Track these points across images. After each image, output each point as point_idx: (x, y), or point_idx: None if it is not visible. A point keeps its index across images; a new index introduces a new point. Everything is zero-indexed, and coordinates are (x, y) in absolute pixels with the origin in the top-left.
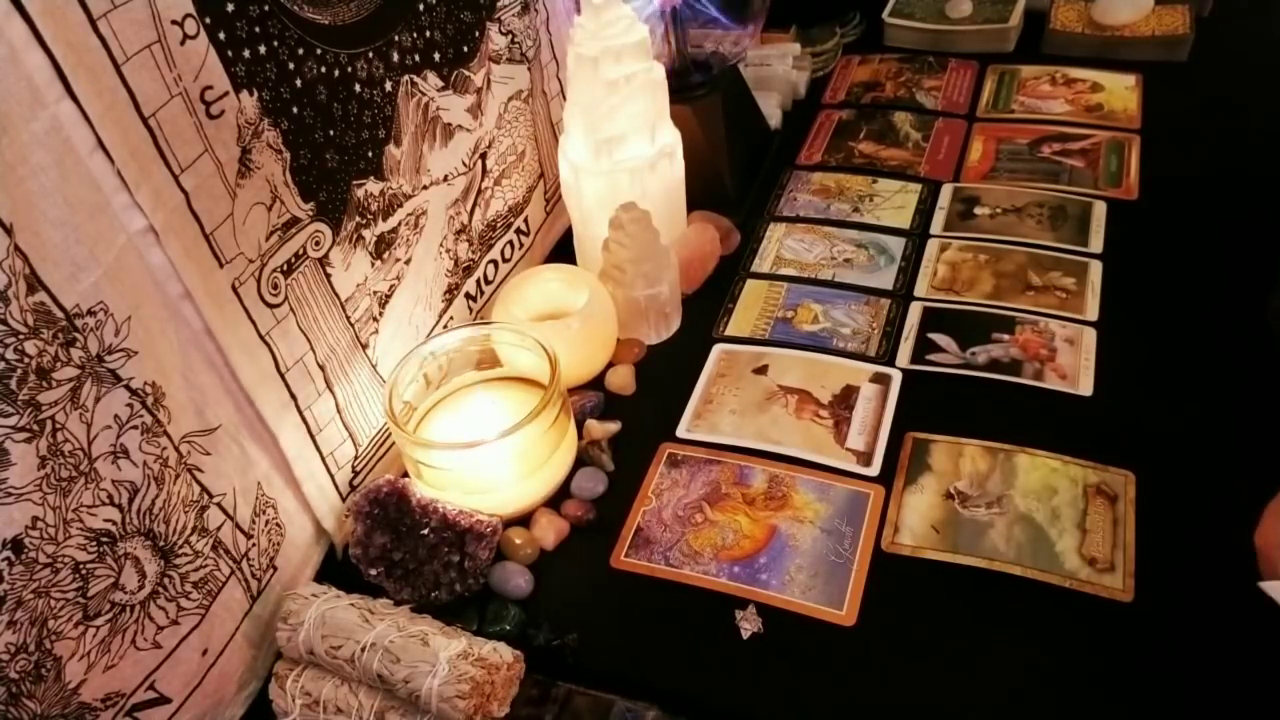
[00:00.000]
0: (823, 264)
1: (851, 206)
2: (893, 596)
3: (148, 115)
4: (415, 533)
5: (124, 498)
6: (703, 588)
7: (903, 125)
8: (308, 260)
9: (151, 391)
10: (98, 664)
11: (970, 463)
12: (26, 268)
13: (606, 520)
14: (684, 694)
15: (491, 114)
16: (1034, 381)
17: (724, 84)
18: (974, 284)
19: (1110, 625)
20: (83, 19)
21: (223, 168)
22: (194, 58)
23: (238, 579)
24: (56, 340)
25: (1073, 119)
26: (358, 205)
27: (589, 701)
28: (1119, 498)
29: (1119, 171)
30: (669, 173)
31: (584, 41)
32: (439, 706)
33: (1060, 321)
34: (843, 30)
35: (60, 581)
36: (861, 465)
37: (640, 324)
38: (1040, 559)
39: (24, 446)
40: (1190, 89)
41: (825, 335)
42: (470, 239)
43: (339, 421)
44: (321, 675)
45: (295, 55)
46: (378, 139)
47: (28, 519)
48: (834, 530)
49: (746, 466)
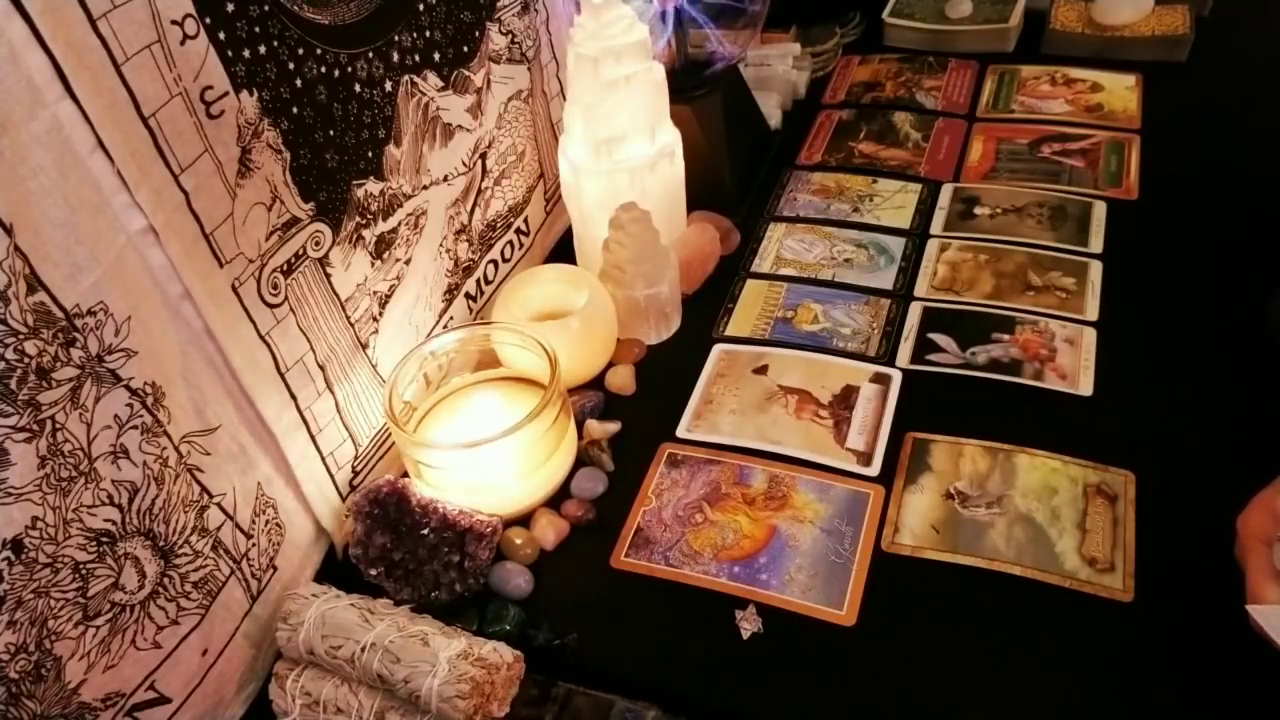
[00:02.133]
0: (823, 264)
1: (851, 206)
2: (893, 596)
3: (148, 115)
4: (415, 533)
5: (124, 498)
6: (703, 588)
7: (903, 125)
8: (308, 260)
9: (151, 391)
10: (98, 664)
11: (970, 463)
12: (26, 268)
13: (606, 520)
14: (684, 694)
15: (491, 114)
16: (1034, 381)
17: (724, 84)
18: (974, 284)
19: (1110, 625)
20: (83, 19)
21: (223, 168)
22: (194, 58)
23: (238, 579)
24: (56, 340)
25: (1073, 119)
26: (358, 205)
27: (589, 701)
28: (1119, 498)
29: (1119, 171)
30: (669, 173)
31: (584, 41)
32: (439, 706)
33: (1060, 321)
34: (843, 30)
35: (60, 581)
36: (861, 465)
37: (640, 324)
38: (1040, 559)
39: (24, 446)
40: (1190, 89)
41: (825, 335)
42: (470, 239)
43: (339, 421)
44: (321, 675)
45: (295, 55)
46: (378, 139)
47: (28, 519)
48: (834, 530)
49: (746, 466)
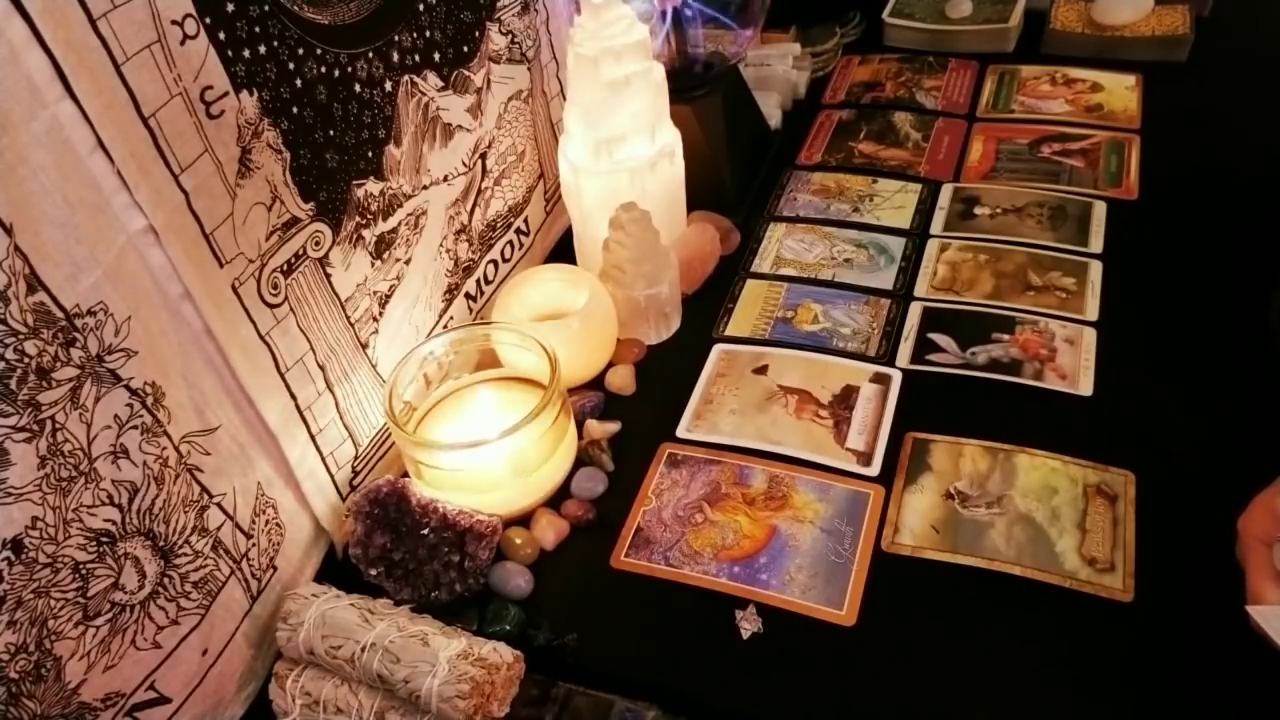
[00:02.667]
0: (823, 264)
1: (851, 206)
2: (893, 596)
3: (148, 115)
4: (415, 533)
5: (124, 498)
6: (703, 588)
7: (903, 125)
8: (308, 260)
9: (151, 391)
10: (98, 664)
11: (970, 463)
12: (26, 268)
13: (606, 520)
14: (684, 694)
15: (491, 114)
16: (1034, 381)
17: (724, 84)
18: (974, 284)
19: (1110, 625)
20: (83, 19)
21: (223, 168)
22: (194, 58)
23: (238, 579)
24: (56, 340)
25: (1073, 119)
26: (358, 205)
27: (589, 701)
28: (1119, 498)
29: (1119, 171)
30: (669, 173)
31: (584, 42)
32: (439, 706)
33: (1060, 321)
34: (843, 30)
35: (60, 581)
36: (861, 465)
37: (640, 324)
38: (1040, 559)
39: (24, 446)
40: (1190, 89)
41: (825, 335)
42: (470, 239)
43: (339, 421)
44: (321, 675)
45: (295, 55)
46: (378, 139)
47: (28, 519)
48: (834, 530)
49: (746, 466)
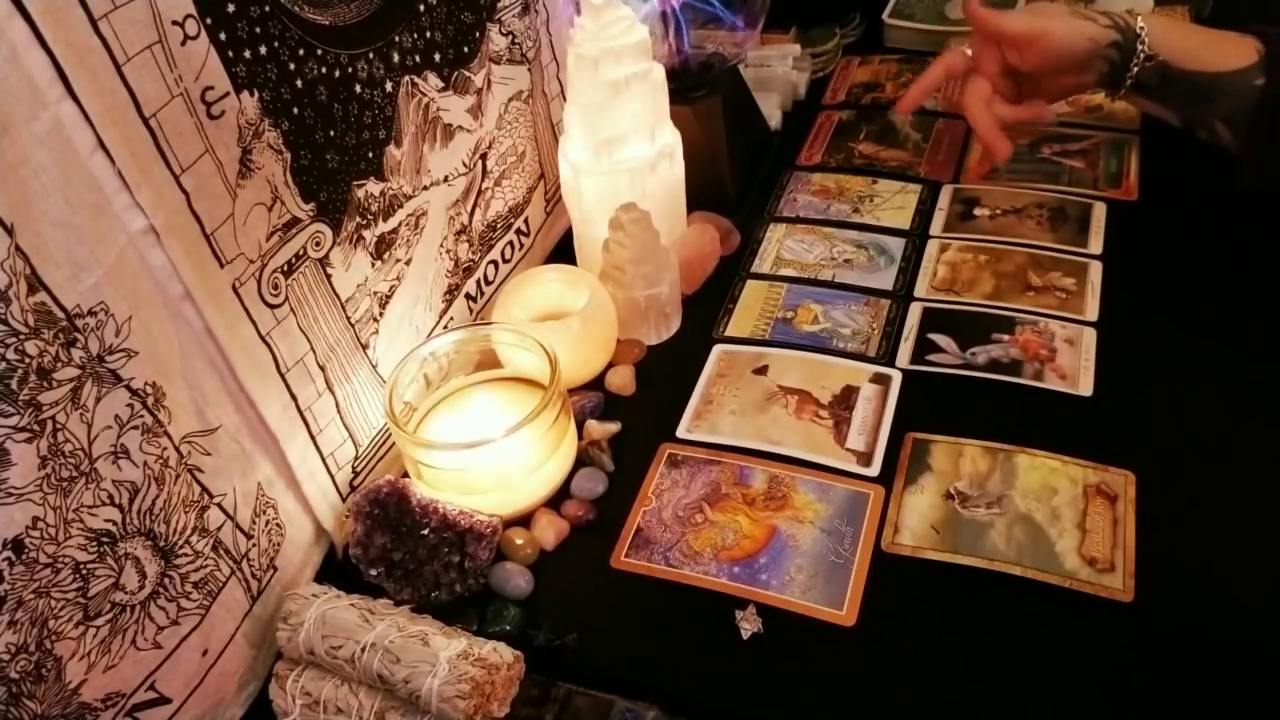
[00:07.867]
0: (823, 264)
1: (851, 207)
2: (893, 596)
3: (148, 115)
4: (415, 533)
5: (124, 498)
6: (703, 588)
7: (903, 126)
8: (308, 260)
9: (152, 392)
10: (98, 664)
11: (970, 463)
12: (27, 268)
13: (606, 520)
14: (684, 694)
15: (492, 115)
16: (1034, 382)
17: (724, 84)
18: (974, 284)
19: (1110, 625)
20: (84, 19)
21: (223, 168)
22: (195, 58)
23: (238, 579)
24: (57, 340)
25: (1072, 119)
26: (358, 206)
27: (589, 701)
28: (1119, 498)
29: (1119, 172)
30: (669, 173)
31: (584, 42)
32: (439, 706)
33: (1060, 322)
34: (843, 31)
35: (61, 582)
36: (861, 465)
37: (640, 324)
38: (1040, 559)
39: (24, 447)
40: None
41: (825, 336)
42: (470, 239)
43: (339, 422)
44: (322, 675)
45: (296, 56)
46: (378, 139)
47: (28, 519)
48: (834, 530)
49: (746, 467)
